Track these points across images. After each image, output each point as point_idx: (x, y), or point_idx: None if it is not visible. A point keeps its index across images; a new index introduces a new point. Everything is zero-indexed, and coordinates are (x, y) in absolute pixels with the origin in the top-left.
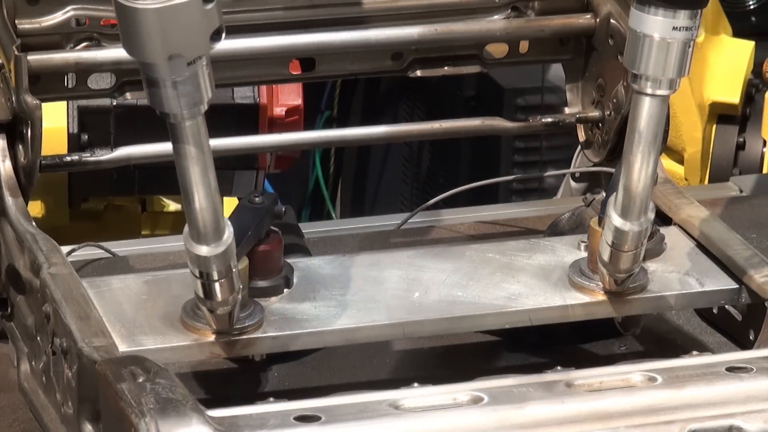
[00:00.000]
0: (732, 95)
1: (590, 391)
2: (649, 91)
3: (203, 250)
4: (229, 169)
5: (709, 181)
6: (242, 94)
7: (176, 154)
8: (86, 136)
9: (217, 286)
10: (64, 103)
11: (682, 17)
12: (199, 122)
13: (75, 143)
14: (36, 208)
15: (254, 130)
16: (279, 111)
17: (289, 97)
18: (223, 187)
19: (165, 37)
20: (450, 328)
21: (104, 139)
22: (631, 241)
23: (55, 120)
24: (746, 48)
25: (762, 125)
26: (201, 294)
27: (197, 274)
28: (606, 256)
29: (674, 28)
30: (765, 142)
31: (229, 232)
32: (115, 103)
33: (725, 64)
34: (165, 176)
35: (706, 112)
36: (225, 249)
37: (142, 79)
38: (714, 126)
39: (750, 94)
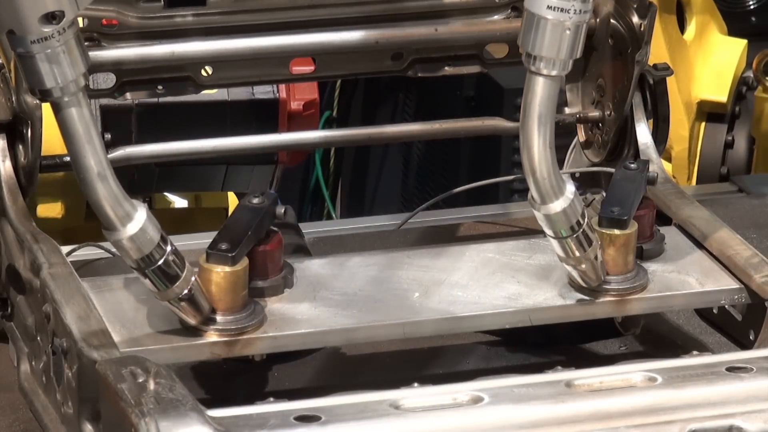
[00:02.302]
0: (720, 94)
1: (590, 391)
2: (544, 71)
3: (118, 235)
4: (249, 164)
5: (698, 179)
6: (262, 90)
7: (64, 137)
8: (109, 136)
9: (158, 272)
10: None
11: (577, 0)
12: (79, 98)
13: None
14: (56, 208)
15: (274, 125)
16: (296, 105)
17: (306, 91)
18: (241, 182)
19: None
20: (450, 328)
21: (126, 137)
22: (563, 222)
23: None
24: (737, 46)
25: (751, 124)
26: (151, 287)
27: (133, 265)
28: (559, 251)
29: (568, 11)
30: (754, 140)
31: (141, 212)
32: (137, 102)
33: (715, 63)
34: (184, 173)
35: (694, 110)
36: (140, 228)
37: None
38: (702, 124)
39: (741, 93)
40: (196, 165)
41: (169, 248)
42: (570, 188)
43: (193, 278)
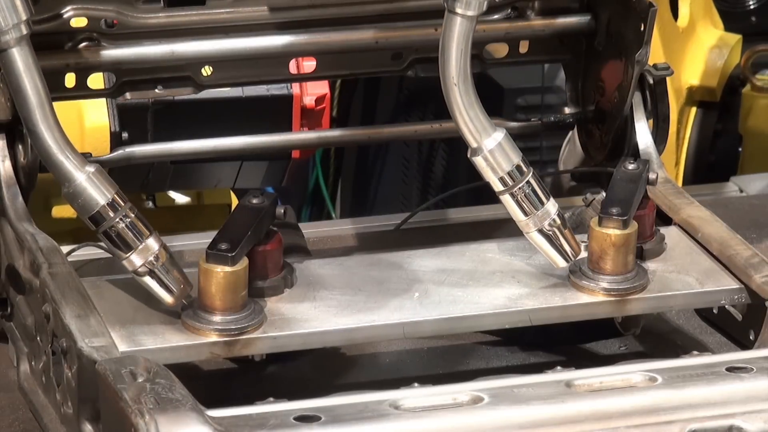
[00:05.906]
0: (709, 80)
1: (590, 391)
2: (461, 11)
3: (67, 187)
4: (264, 159)
5: (685, 166)
6: (276, 85)
7: (10, 88)
8: (126, 134)
9: (113, 233)
10: (104, 100)
11: None
12: (23, 46)
13: (117, 141)
14: (71, 209)
15: (288, 120)
16: (309, 100)
17: (317, 86)
18: (254, 178)
19: None
20: (450, 328)
21: (143, 135)
22: (503, 165)
23: (97, 118)
24: (731, 40)
25: (739, 120)
26: (118, 250)
27: (91, 224)
28: (513, 211)
29: None
30: (741, 137)
31: (91, 167)
32: (153, 100)
33: (707, 50)
34: (198, 171)
35: (684, 95)
36: (89, 180)
37: None
38: (693, 110)
39: (734, 87)
40: (210, 162)
41: (126, 211)
42: (500, 132)
43: (158, 249)
